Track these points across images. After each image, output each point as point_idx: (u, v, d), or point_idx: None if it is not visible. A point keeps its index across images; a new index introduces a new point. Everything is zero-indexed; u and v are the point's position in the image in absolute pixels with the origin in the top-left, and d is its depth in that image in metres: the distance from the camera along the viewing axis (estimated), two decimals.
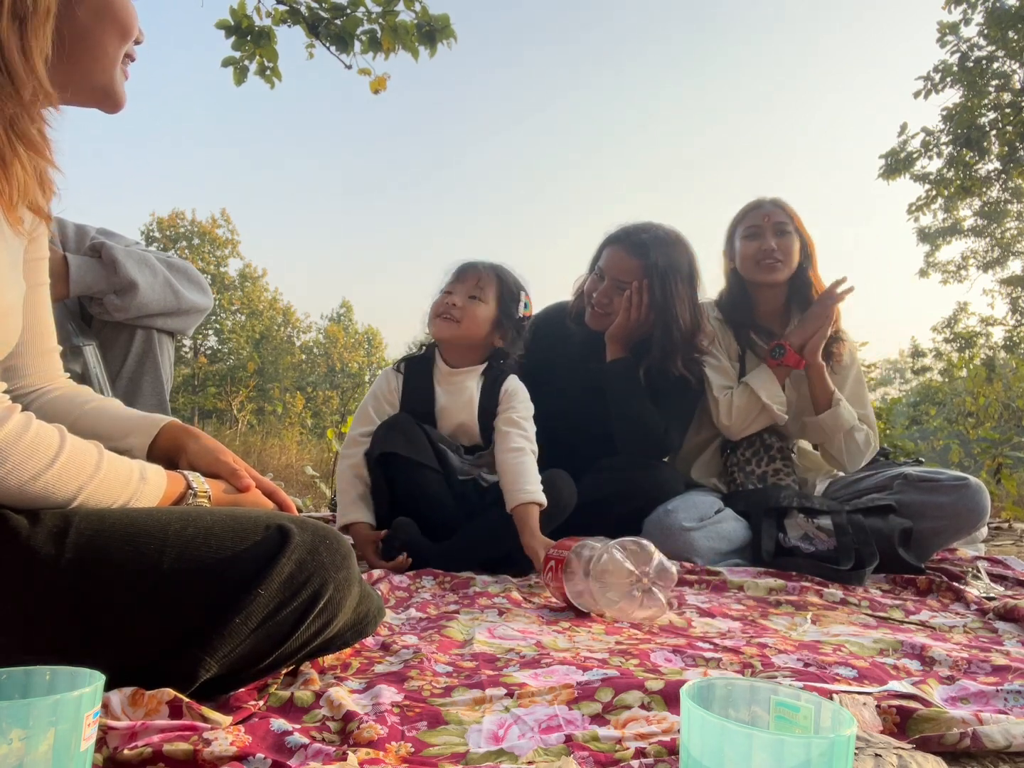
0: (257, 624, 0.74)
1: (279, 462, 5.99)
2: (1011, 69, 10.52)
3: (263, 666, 0.80)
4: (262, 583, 0.73)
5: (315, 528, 0.81)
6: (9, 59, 0.70)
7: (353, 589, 0.84)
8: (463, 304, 1.76)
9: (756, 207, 2.07)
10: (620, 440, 1.96)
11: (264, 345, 27.75)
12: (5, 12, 0.70)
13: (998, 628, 1.24)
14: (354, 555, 0.85)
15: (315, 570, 0.77)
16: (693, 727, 0.50)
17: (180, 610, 0.72)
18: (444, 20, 4.05)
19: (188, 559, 0.72)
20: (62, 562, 0.68)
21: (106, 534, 0.71)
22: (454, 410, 1.78)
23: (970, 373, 6.48)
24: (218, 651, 0.73)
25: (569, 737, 0.70)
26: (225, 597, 0.72)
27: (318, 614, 0.79)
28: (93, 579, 0.70)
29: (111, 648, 0.71)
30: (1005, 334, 17.05)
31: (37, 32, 0.73)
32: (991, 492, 2.54)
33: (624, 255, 1.95)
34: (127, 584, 0.70)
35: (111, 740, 0.63)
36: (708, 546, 1.71)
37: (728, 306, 2.11)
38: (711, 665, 0.97)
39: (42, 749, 0.46)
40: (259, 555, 0.75)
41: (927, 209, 12.93)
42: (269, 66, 4.26)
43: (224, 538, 0.75)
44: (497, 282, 1.79)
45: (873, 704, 0.77)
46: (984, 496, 1.75)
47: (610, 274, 1.97)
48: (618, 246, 1.98)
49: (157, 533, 0.73)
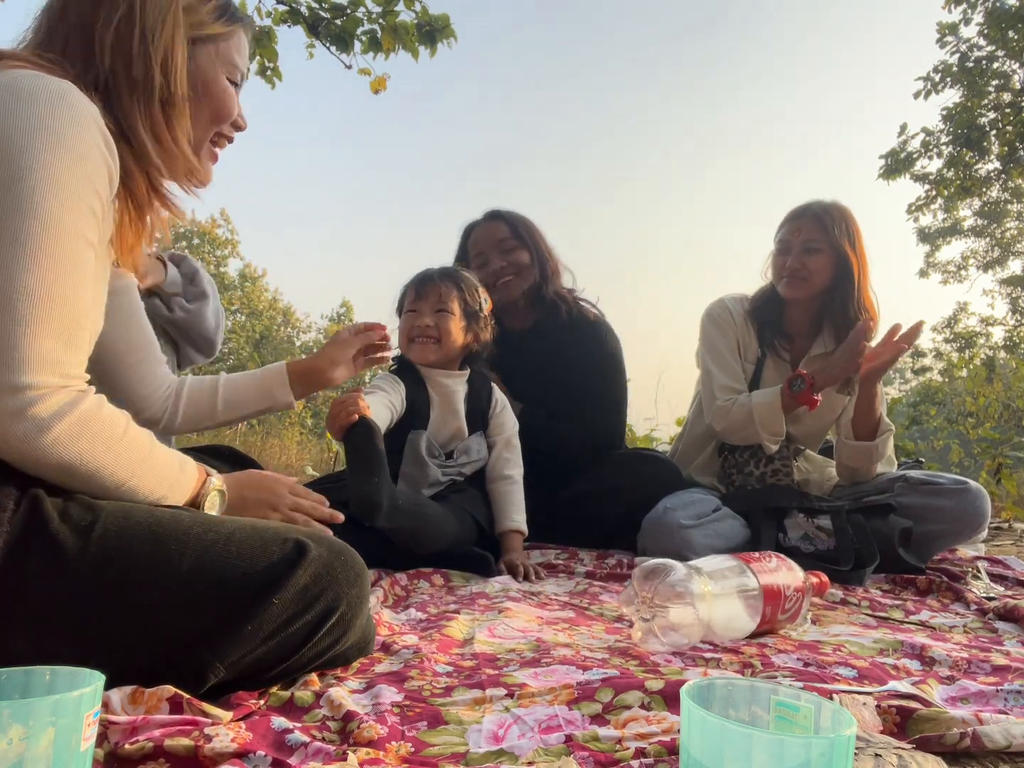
0: (269, 633, 0.75)
1: (279, 462, 5.98)
2: (1011, 69, 10.51)
3: (271, 676, 0.80)
4: (277, 593, 0.75)
5: (331, 544, 0.83)
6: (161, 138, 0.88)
7: (364, 607, 0.86)
8: (435, 322, 1.73)
9: (794, 217, 1.97)
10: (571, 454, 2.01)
11: (264, 345, 27.73)
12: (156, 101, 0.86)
13: (998, 628, 1.24)
14: (367, 574, 0.87)
15: (329, 584, 0.79)
16: (693, 727, 0.50)
17: (195, 612, 0.73)
18: (444, 20, 4.04)
19: (207, 563, 0.74)
20: (87, 555, 0.70)
21: (131, 531, 0.73)
22: (448, 419, 1.77)
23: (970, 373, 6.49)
24: (228, 656, 0.74)
25: (569, 737, 0.70)
26: (240, 604, 0.74)
27: (329, 629, 0.81)
28: (114, 574, 0.71)
29: (124, 644, 0.72)
30: (1005, 334, 17.04)
31: (180, 118, 0.89)
32: (991, 492, 2.54)
33: (491, 226, 2.13)
34: (146, 582, 0.72)
35: (112, 735, 0.64)
36: (706, 544, 1.71)
37: (758, 306, 2.08)
38: (711, 665, 0.97)
39: (42, 748, 0.46)
40: (276, 565, 0.76)
41: (927, 209, 12.93)
42: (270, 66, 4.26)
43: (243, 546, 0.76)
44: (456, 289, 1.77)
45: (873, 704, 0.77)
46: (985, 500, 1.75)
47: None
48: (485, 223, 2.15)
49: (180, 535, 0.75)
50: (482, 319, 1.81)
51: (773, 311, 2.03)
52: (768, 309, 2.04)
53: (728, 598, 1.07)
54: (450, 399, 1.77)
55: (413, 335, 1.75)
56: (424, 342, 1.74)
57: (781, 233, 2.00)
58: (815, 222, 1.93)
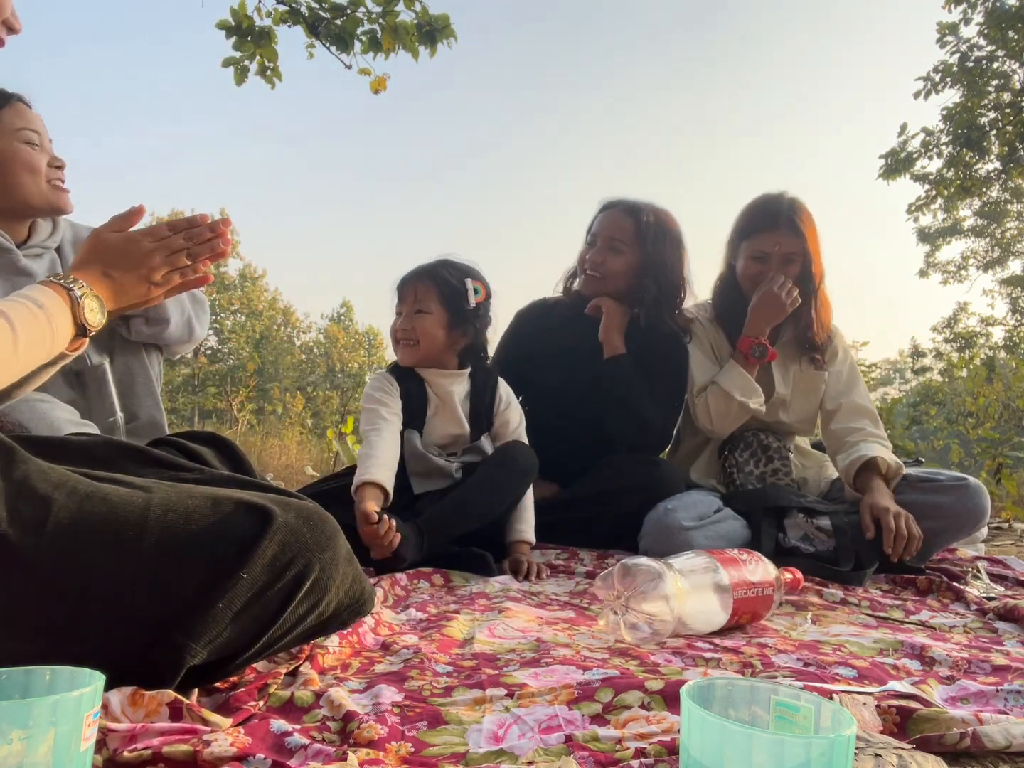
0: (240, 608, 0.73)
1: (279, 462, 5.98)
2: (1011, 69, 10.51)
3: (254, 650, 0.79)
4: (244, 566, 0.72)
5: (299, 508, 0.80)
6: None
7: (340, 568, 0.83)
8: (412, 324, 1.71)
9: (771, 226, 1.96)
10: (619, 435, 1.97)
11: (264, 345, 27.73)
12: None
13: (998, 628, 1.24)
14: (341, 534, 0.84)
15: (299, 551, 0.77)
16: (693, 727, 0.51)
17: (162, 596, 0.71)
18: (444, 20, 4.05)
19: (168, 545, 0.71)
20: (42, 553, 0.68)
21: (85, 522, 0.71)
22: (447, 420, 1.76)
23: (970, 373, 6.48)
24: (203, 637, 0.72)
25: (569, 737, 0.70)
26: (207, 582, 0.72)
27: (304, 595, 0.78)
28: (73, 568, 0.69)
29: (95, 636, 0.71)
30: (1005, 334, 17.05)
31: None
32: (991, 492, 2.53)
33: (617, 215, 2.03)
34: (107, 571, 0.70)
35: (111, 742, 0.63)
36: (707, 545, 1.70)
37: (724, 304, 2.10)
38: (711, 665, 0.97)
39: (42, 749, 0.46)
40: (240, 537, 0.74)
41: (927, 209, 12.92)
42: (269, 66, 4.27)
43: (204, 522, 0.74)
44: (435, 286, 1.72)
45: (873, 704, 0.77)
46: (984, 496, 1.75)
47: (603, 235, 2.02)
48: (612, 209, 2.06)
49: (136, 519, 0.72)
50: (472, 312, 1.73)
51: (739, 309, 2.05)
52: (734, 308, 2.07)
53: (699, 593, 1.12)
54: (449, 399, 1.76)
55: (397, 337, 1.76)
56: (405, 344, 1.74)
57: (758, 241, 1.98)
58: (792, 231, 1.95)
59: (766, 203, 2.02)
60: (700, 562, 1.17)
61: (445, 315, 1.72)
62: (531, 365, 2.07)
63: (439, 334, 1.73)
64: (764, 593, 1.19)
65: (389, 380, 1.75)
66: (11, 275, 1.42)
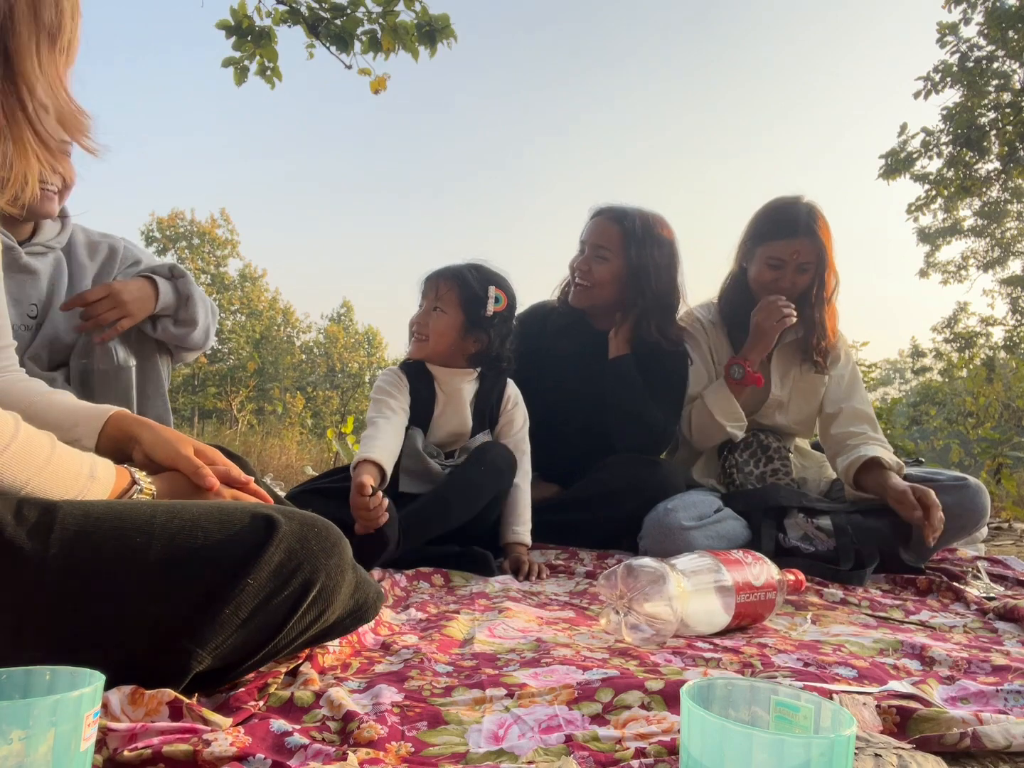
0: (248, 615, 0.73)
1: (279, 462, 5.98)
2: (1011, 69, 10.50)
3: (259, 657, 0.79)
4: (251, 573, 0.73)
5: (303, 517, 0.81)
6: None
7: (346, 576, 0.84)
8: (427, 320, 1.72)
9: (789, 234, 1.92)
10: (621, 437, 1.97)
11: (264, 345, 27.74)
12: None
13: (998, 628, 1.24)
14: (346, 542, 0.84)
15: (304, 559, 0.77)
16: (693, 727, 0.51)
17: (169, 603, 0.71)
18: (444, 20, 4.05)
19: (175, 551, 0.72)
20: (48, 558, 0.68)
21: (91, 529, 0.71)
22: (451, 416, 1.77)
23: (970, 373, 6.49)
24: (209, 643, 0.72)
25: (569, 737, 0.70)
26: (214, 588, 0.72)
27: (311, 603, 0.79)
28: (80, 574, 0.69)
29: (101, 643, 0.71)
30: (1005, 334, 17.04)
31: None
32: (991, 492, 2.53)
33: (602, 222, 2.02)
34: (114, 578, 0.70)
35: (111, 741, 0.63)
36: (707, 545, 1.71)
37: (730, 304, 2.09)
38: (711, 665, 0.97)
39: (42, 749, 0.46)
40: (246, 545, 0.74)
41: (927, 209, 12.92)
42: (269, 66, 4.27)
43: (211, 529, 0.74)
44: (457, 288, 1.71)
45: (873, 704, 0.77)
46: (984, 496, 1.75)
47: (590, 242, 2.01)
48: (598, 217, 2.05)
49: (143, 527, 0.72)
50: (488, 320, 1.71)
51: (745, 310, 2.04)
52: (740, 308, 2.06)
53: (702, 595, 1.12)
54: (456, 397, 1.77)
55: (412, 330, 1.77)
56: (417, 338, 1.75)
57: (775, 247, 1.95)
58: (809, 240, 1.92)
59: (784, 208, 1.97)
60: (703, 563, 1.16)
61: (461, 318, 1.72)
62: (531, 366, 2.08)
63: (450, 335, 1.73)
64: (767, 597, 1.19)
65: (400, 376, 1.76)
66: (13, 272, 1.43)
